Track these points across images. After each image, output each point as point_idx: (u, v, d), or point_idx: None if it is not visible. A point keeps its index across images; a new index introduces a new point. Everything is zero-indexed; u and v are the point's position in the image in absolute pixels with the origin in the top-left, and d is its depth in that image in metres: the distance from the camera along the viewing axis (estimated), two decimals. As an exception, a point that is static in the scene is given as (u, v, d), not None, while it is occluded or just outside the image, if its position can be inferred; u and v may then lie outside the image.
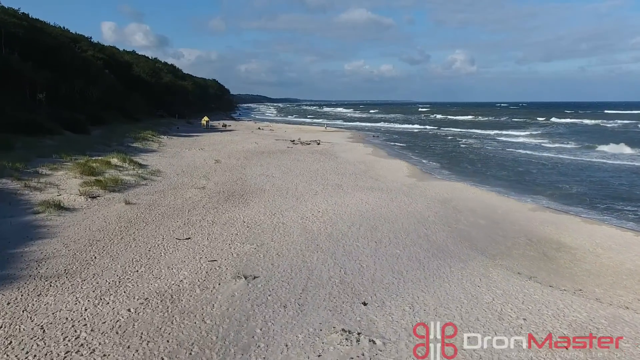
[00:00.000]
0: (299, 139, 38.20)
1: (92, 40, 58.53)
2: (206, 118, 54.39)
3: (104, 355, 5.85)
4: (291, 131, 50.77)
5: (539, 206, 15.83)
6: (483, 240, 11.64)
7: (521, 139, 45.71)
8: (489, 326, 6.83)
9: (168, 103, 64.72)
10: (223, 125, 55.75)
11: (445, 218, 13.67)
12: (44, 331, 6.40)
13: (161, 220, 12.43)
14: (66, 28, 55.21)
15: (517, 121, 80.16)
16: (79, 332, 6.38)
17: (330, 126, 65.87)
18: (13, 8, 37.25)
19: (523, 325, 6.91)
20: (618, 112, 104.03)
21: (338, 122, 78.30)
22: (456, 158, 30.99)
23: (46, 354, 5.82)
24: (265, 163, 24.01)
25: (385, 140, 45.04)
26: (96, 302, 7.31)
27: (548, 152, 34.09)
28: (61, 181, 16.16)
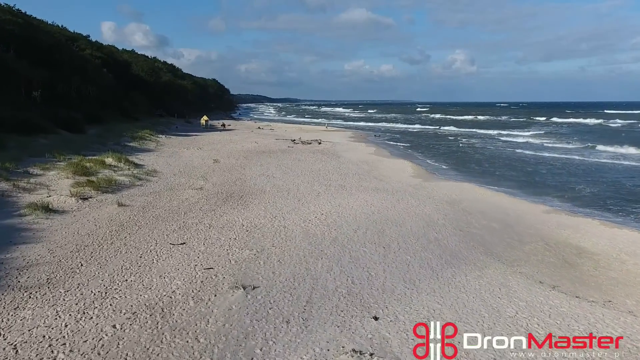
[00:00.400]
0: (300, 139, 37.48)
1: (91, 39, 57.85)
2: (205, 117, 53.60)
3: (83, 381, 5.14)
4: (291, 131, 50.02)
5: (553, 208, 15.05)
6: (498, 245, 10.92)
7: (525, 139, 44.95)
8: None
9: (167, 102, 64.01)
10: (222, 124, 54.96)
11: (455, 221, 12.95)
12: (17, 351, 5.68)
13: (155, 223, 11.71)
14: (64, 26, 54.48)
15: (519, 121, 79.36)
16: (56, 354, 5.66)
17: (330, 126, 65.10)
18: (8, 4, 36.42)
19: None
20: (619, 112, 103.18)
21: (337, 122, 77.50)
22: (461, 158, 30.23)
23: (16, 380, 5.12)
24: (265, 163, 23.29)
25: (386, 139, 44.33)
26: (78, 317, 6.59)
27: (554, 152, 33.34)
28: (52, 182, 15.45)
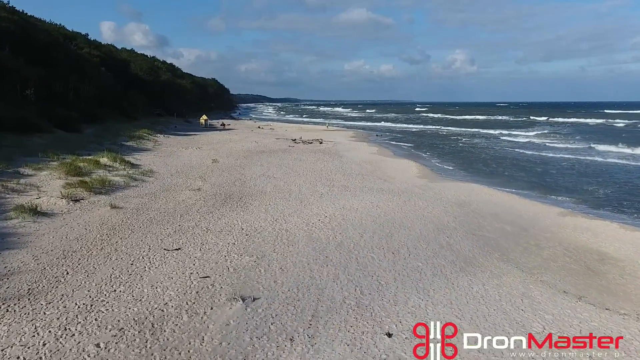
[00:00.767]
0: (300, 138, 36.81)
1: (89, 37, 57.15)
2: (205, 117, 52.92)
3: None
4: (292, 130, 49.34)
5: (568, 210, 14.34)
6: (514, 250, 10.25)
7: (528, 139, 44.25)
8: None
9: (166, 102, 63.34)
10: (222, 124, 54.25)
11: (466, 224, 12.28)
12: (-14, 376, 5.02)
13: (149, 226, 11.04)
14: (62, 25, 53.76)
15: (520, 121, 78.52)
16: (30, 379, 5.00)
17: (331, 125, 64.41)
18: (2, 1, 35.63)
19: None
20: (621, 112, 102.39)
21: (337, 122, 76.72)
22: (466, 158, 29.48)
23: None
24: (265, 163, 22.62)
25: (388, 139, 43.65)
26: (59, 334, 5.92)
27: (561, 153, 32.56)
28: (43, 182, 14.79)
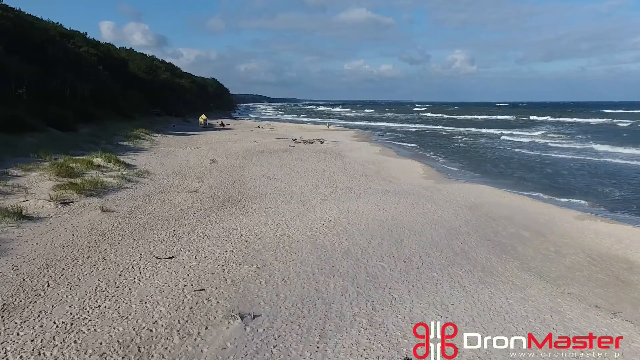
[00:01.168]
0: (301, 138, 36.08)
1: (88, 36, 56.37)
2: (204, 116, 52.15)
3: None
4: (292, 130, 48.61)
5: (586, 214, 13.60)
6: (534, 257, 9.52)
7: (531, 139, 43.54)
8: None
9: (165, 101, 62.58)
10: (221, 123, 53.44)
11: (479, 228, 11.55)
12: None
13: (141, 232, 10.31)
14: (60, 23, 52.99)
15: (522, 120, 77.71)
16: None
17: (331, 125, 63.67)
18: (-5, -1, 34.81)
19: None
20: (623, 112, 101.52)
21: (337, 122, 75.92)
22: (472, 158, 28.74)
23: None
24: (265, 163, 21.88)
25: (390, 139, 42.96)
26: (31, 360, 5.19)
27: (568, 153, 31.66)
28: (32, 184, 14.04)
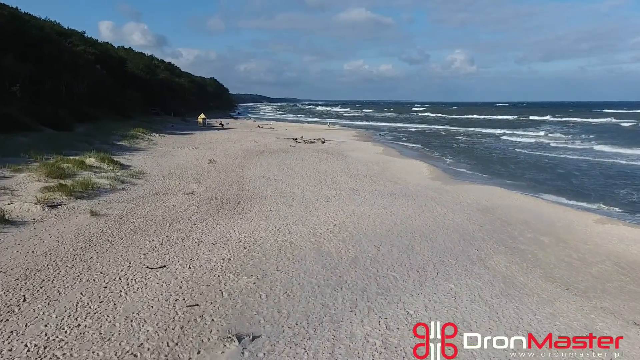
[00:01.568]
0: (302, 137, 35.36)
1: (86, 35, 55.61)
2: (202, 115, 51.41)
3: None
4: (292, 129, 47.86)
5: (606, 217, 12.78)
6: (558, 266, 8.77)
7: (537, 139, 42.78)
8: None
9: (164, 101, 61.85)
10: (220, 123, 52.71)
11: (494, 233, 10.81)
12: None
13: (132, 238, 9.55)
14: (57, 22, 52.24)
15: (523, 120, 76.86)
16: None
17: (332, 124, 62.95)
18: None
19: None
20: (625, 112, 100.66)
21: (337, 121, 75.13)
22: (479, 158, 27.97)
23: None
24: (266, 163, 21.13)
25: (392, 139, 42.23)
26: (-8, 395, 4.45)
27: (577, 154, 30.59)
28: (20, 185, 13.31)
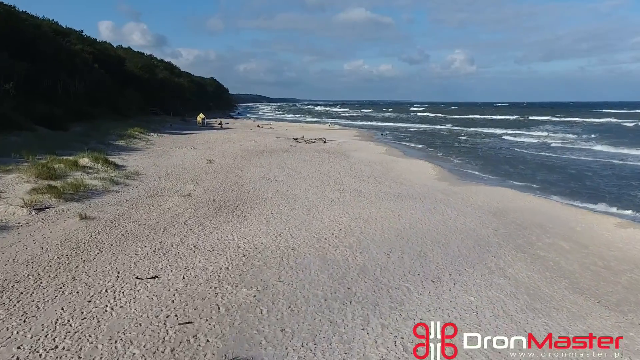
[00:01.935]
0: (303, 137, 34.68)
1: (84, 34, 54.94)
2: (202, 115, 50.73)
3: None
4: (293, 129, 47.16)
5: (628, 221, 12.00)
6: (583, 275, 8.10)
7: (539, 139, 41.98)
8: None
9: (163, 100, 61.19)
10: (219, 123, 52.04)
11: (511, 238, 10.13)
12: None
13: (123, 244, 8.88)
14: (55, 21, 51.60)
15: (524, 120, 76.00)
16: None
17: (333, 124, 62.27)
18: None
19: None
20: (626, 112, 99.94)
21: (335, 121, 74.35)
22: (484, 158, 27.17)
23: None
24: (266, 164, 20.45)
25: (394, 139, 41.54)
26: None
27: (584, 154, 29.62)
28: (7, 187, 12.60)
